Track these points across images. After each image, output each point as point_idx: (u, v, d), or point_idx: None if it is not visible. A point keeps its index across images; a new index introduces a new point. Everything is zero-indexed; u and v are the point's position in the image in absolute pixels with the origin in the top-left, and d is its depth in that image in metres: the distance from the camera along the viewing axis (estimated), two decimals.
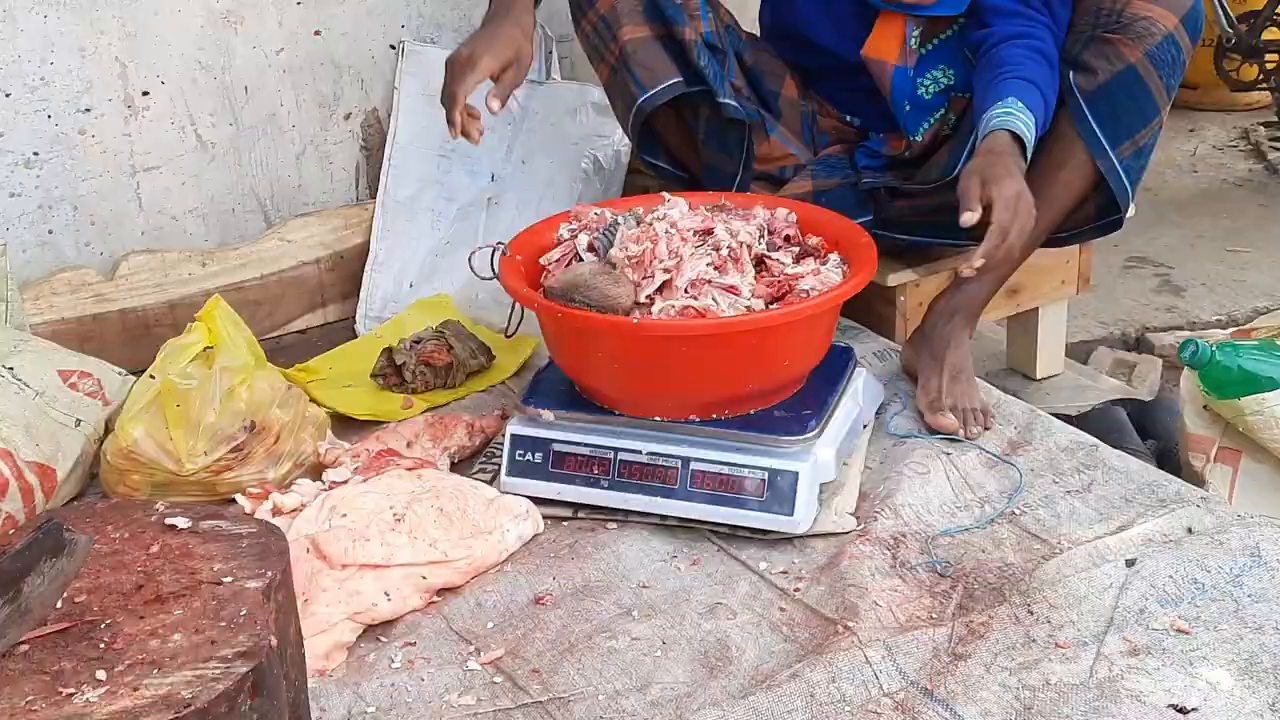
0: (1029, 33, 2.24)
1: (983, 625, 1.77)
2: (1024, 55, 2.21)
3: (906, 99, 2.39)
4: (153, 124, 2.66)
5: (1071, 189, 2.28)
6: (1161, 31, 2.17)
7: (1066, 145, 2.24)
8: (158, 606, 1.47)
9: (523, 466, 2.06)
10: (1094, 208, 2.33)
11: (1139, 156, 2.24)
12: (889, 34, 2.38)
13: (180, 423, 2.09)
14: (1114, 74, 2.19)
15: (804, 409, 2.02)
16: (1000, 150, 2.08)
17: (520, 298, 2.02)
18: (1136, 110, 2.21)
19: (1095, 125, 2.20)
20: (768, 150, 2.48)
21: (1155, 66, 2.18)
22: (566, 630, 1.83)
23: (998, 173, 2.03)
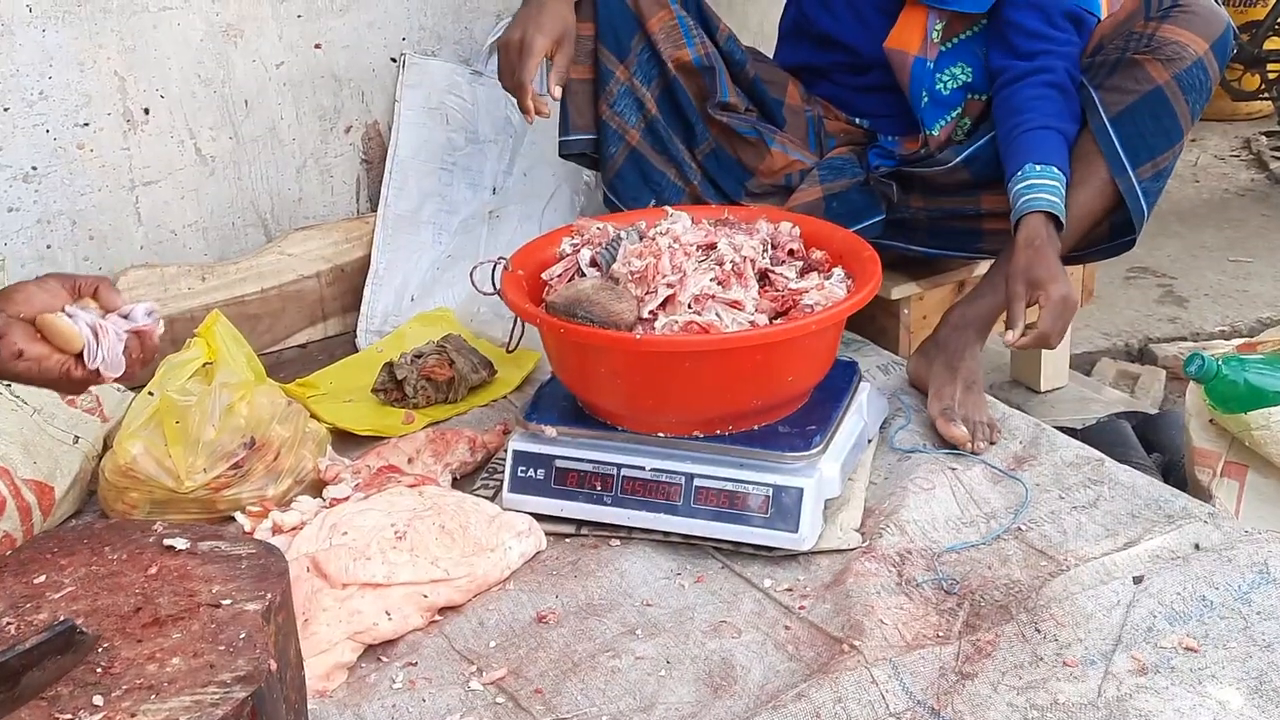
0: (1045, 66, 2.26)
1: (989, 643, 1.75)
2: (1039, 95, 2.25)
3: (925, 89, 2.40)
4: (152, 138, 2.64)
5: (1091, 209, 2.28)
6: (1192, 56, 2.18)
7: (1088, 165, 2.25)
8: (156, 629, 1.45)
9: (525, 483, 2.05)
10: (1108, 228, 2.33)
11: (1158, 179, 2.25)
12: (912, 26, 2.40)
13: (179, 439, 2.07)
14: (1141, 95, 2.20)
15: (808, 424, 2.01)
16: (1040, 244, 2.12)
17: (523, 313, 2.01)
18: (1161, 132, 2.22)
19: (1118, 145, 2.21)
20: (770, 164, 2.47)
21: (1183, 90, 2.19)
22: (569, 649, 1.81)
23: (1041, 275, 2.10)
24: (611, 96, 2.40)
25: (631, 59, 2.39)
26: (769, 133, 2.48)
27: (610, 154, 2.43)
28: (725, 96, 2.42)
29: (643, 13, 2.38)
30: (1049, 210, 2.16)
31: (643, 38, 2.39)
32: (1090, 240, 2.36)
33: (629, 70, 2.39)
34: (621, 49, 2.40)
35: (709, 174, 2.48)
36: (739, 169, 2.49)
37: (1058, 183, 2.17)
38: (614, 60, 2.39)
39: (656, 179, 2.45)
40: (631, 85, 2.39)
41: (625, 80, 2.39)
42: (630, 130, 2.41)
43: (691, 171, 2.46)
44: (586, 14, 2.38)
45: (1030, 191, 2.17)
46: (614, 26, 2.39)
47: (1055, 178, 2.18)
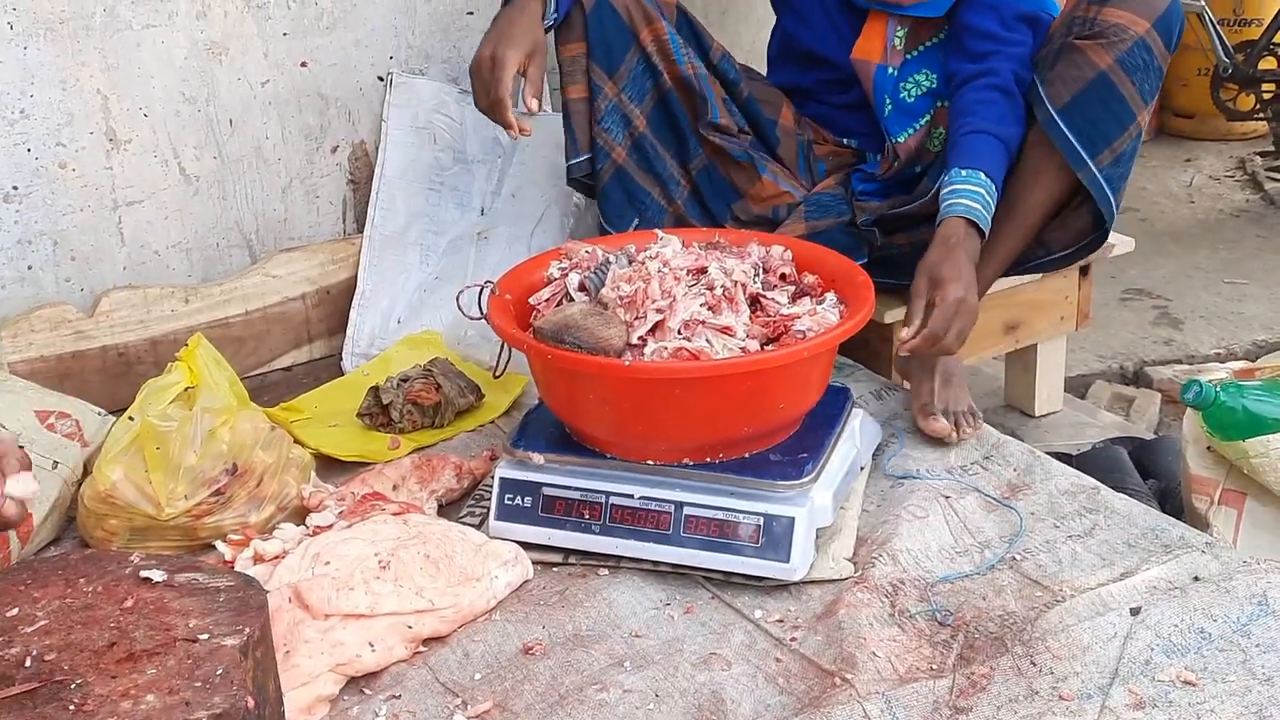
0: (990, 69, 2.26)
1: (984, 677, 1.72)
2: (980, 100, 2.25)
3: (888, 95, 2.39)
4: (135, 157, 2.61)
5: (1048, 196, 2.28)
6: (1133, 37, 2.17)
7: (1040, 154, 2.25)
8: (130, 665, 1.42)
9: (512, 511, 2.01)
10: (1086, 224, 2.32)
11: (1118, 164, 2.24)
12: (874, 35, 2.40)
13: (160, 465, 2.03)
14: (1086, 82, 2.19)
15: (800, 452, 1.97)
16: (954, 244, 2.14)
17: (509, 339, 1.98)
18: (1111, 118, 2.20)
19: (1071, 137, 2.20)
20: (759, 190, 2.46)
21: (1126, 72, 2.18)
22: (556, 682, 1.77)
23: (944, 274, 2.10)
24: (599, 113, 2.38)
25: (622, 73, 2.38)
26: (761, 159, 2.46)
27: (598, 171, 2.42)
28: (716, 118, 2.41)
29: (635, 25, 2.36)
30: (966, 216, 2.16)
31: (637, 50, 2.37)
32: (1069, 240, 2.37)
33: (618, 86, 2.38)
34: (612, 64, 2.38)
35: (699, 191, 2.46)
36: (729, 190, 2.47)
37: (980, 188, 2.17)
38: (604, 76, 2.38)
39: (641, 198, 2.43)
40: (619, 101, 2.38)
41: (614, 96, 2.38)
42: (616, 148, 2.40)
43: (677, 190, 2.44)
44: (578, 34, 2.37)
45: (952, 196, 2.18)
46: (607, 41, 2.37)
47: (979, 183, 2.18)
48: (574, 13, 2.36)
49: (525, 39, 2.27)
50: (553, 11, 2.34)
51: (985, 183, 2.18)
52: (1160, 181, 4.79)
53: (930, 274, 2.11)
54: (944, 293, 2.09)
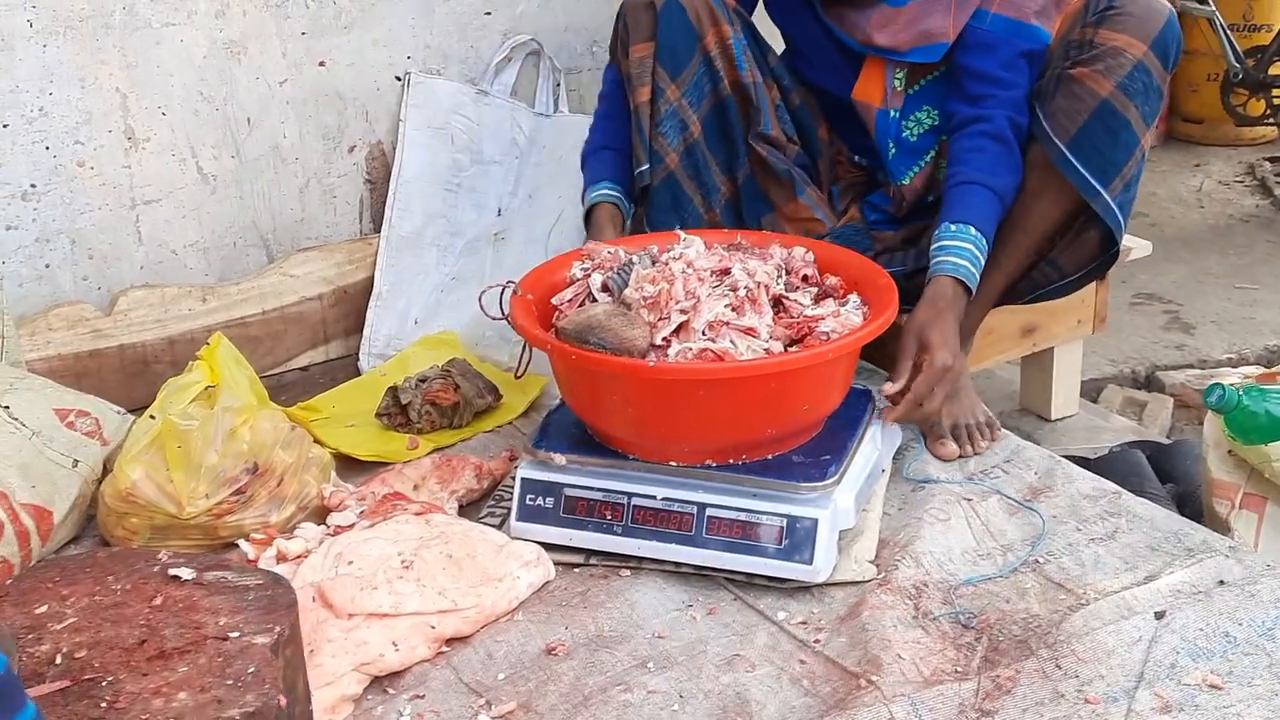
0: (985, 115, 2.24)
1: (1009, 680, 1.71)
2: (974, 147, 2.23)
3: (891, 139, 2.37)
4: (153, 156, 2.61)
5: (1049, 217, 2.26)
6: (1131, 61, 2.14)
7: (1040, 175, 2.23)
8: (161, 663, 1.42)
9: (533, 511, 2.01)
10: (1094, 245, 2.30)
11: (1129, 189, 2.23)
12: (873, 78, 2.37)
13: (181, 464, 2.03)
14: (1089, 113, 2.16)
15: (823, 454, 1.97)
16: (943, 306, 2.13)
17: (532, 339, 1.97)
18: (1119, 145, 2.18)
19: (1083, 170, 2.18)
20: (793, 210, 2.45)
21: (1128, 97, 2.15)
22: (580, 683, 1.77)
23: (933, 339, 2.10)
24: (659, 115, 2.37)
25: (685, 77, 2.37)
26: (802, 181, 2.45)
27: (651, 174, 2.40)
28: (767, 129, 2.40)
29: (702, 27, 2.36)
30: (954, 275, 2.15)
31: (701, 53, 2.36)
32: (1079, 262, 2.34)
33: (680, 90, 2.36)
34: (677, 66, 2.36)
35: (739, 200, 2.45)
36: (763, 202, 2.46)
37: (969, 244, 2.16)
38: (667, 79, 2.36)
39: (684, 203, 2.42)
40: (679, 106, 2.36)
41: (675, 100, 2.36)
42: (670, 153, 2.38)
43: (716, 198, 2.43)
44: (647, 33, 2.35)
45: (941, 254, 2.17)
46: (673, 43, 2.36)
47: (968, 238, 2.16)
48: (643, 14, 2.36)
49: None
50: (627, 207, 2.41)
51: (975, 237, 2.17)
52: (1170, 187, 4.79)
53: (918, 336, 2.11)
54: (931, 358, 2.08)
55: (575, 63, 2.99)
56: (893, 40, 2.29)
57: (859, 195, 2.53)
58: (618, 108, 2.47)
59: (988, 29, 2.25)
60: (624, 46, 2.40)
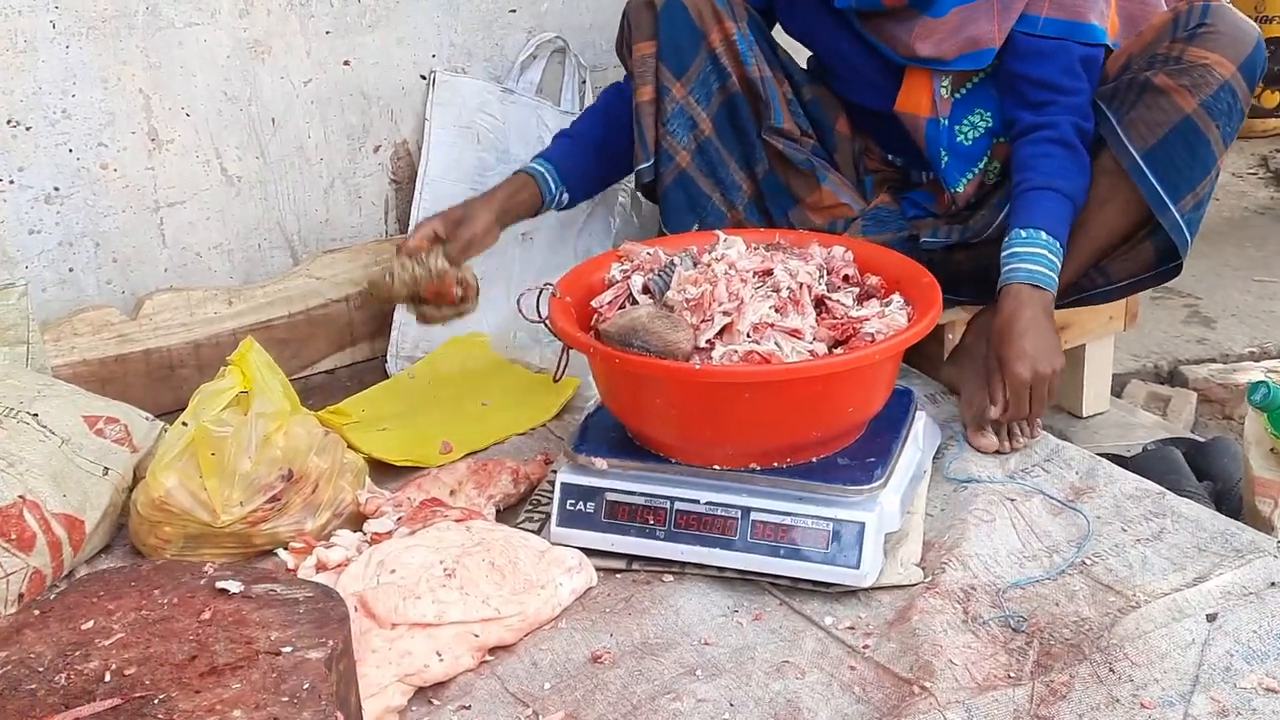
0: (1049, 121, 2.22)
1: (1064, 685, 1.69)
2: (1041, 153, 2.22)
3: (943, 148, 2.34)
4: (177, 157, 2.58)
5: (1115, 224, 2.25)
6: (1218, 80, 2.12)
7: (1109, 182, 2.22)
8: (214, 679, 1.39)
9: (574, 516, 1.98)
10: (1150, 257, 2.28)
11: (1199, 208, 2.21)
12: (919, 88, 2.34)
13: (215, 472, 2.00)
14: (1171, 126, 2.14)
15: (868, 456, 1.95)
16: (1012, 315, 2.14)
17: (574, 342, 1.94)
18: (1196, 163, 2.16)
19: (1155, 182, 2.16)
20: (818, 199, 2.42)
21: (1212, 116, 2.13)
22: (628, 691, 1.74)
23: (1006, 354, 2.13)
24: (666, 115, 2.35)
25: (691, 75, 2.35)
26: (823, 168, 2.43)
27: (661, 174, 2.39)
28: (779, 122, 2.37)
29: (705, 25, 2.33)
30: (1028, 281, 2.15)
31: (706, 51, 2.34)
32: (1135, 270, 2.33)
33: (685, 88, 2.34)
34: (681, 65, 2.35)
35: (761, 196, 2.43)
36: (787, 196, 2.43)
37: (1041, 249, 2.15)
38: (671, 78, 2.35)
39: (702, 202, 2.40)
40: (686, 104, 2.35)
41: (681, 98, 2.35)
42: (681, 151, 2.36)
43: (738, 195, 2.41)
44: (648, 32, 2.35)
45: (1013, 260, 2.16)
46: (676, 42, 2.35)
47: (1040, 243, 2.15)
48: (644, 13, 2.35)
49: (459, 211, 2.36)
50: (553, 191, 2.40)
51: (1047, 241, 2.15)
52: None
53: (997, 354, 2.15)
54: (1008, 375, 2.13)
55: (600, 60, 2.96)
56: (937, 50, 2.26)
57: (894, 189, 2.50)
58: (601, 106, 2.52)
59: (1040, 33, 2.22)
60: (627, 45, 2.40)
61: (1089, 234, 2.25)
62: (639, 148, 2.42)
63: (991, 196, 2.37)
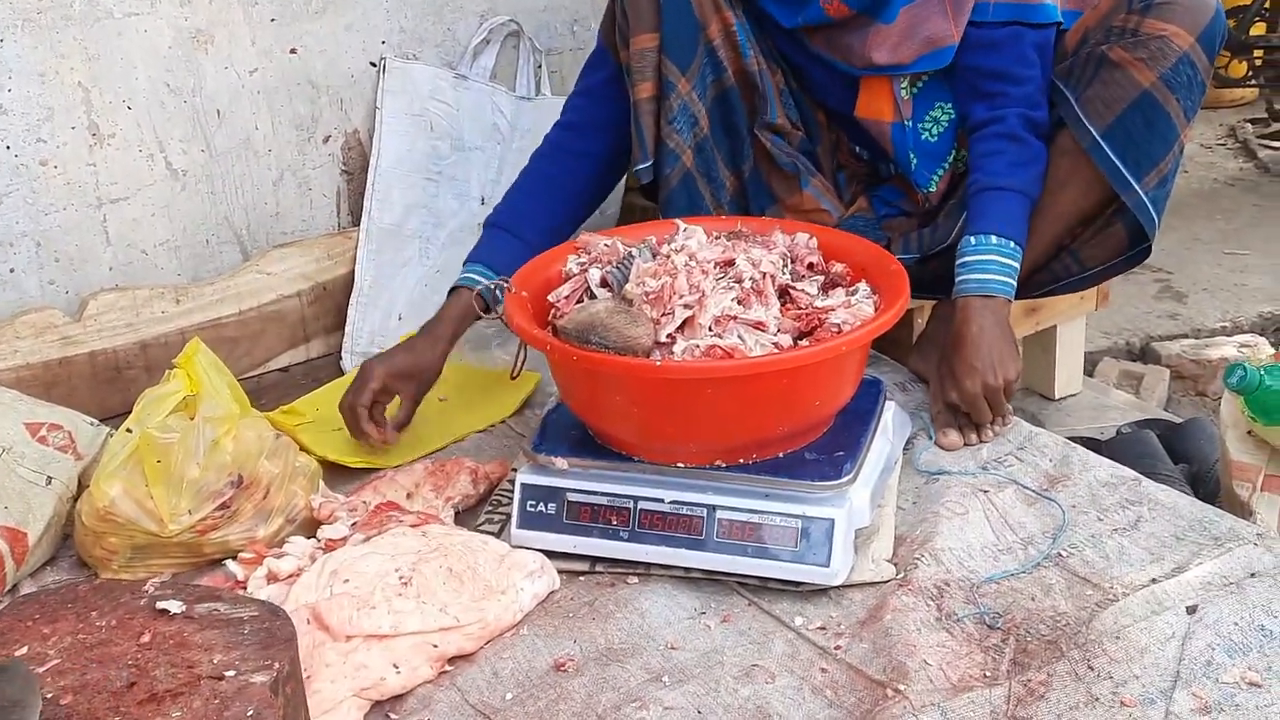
0: (998, 116, 2.18)
1: (1041, 684, 1.64)
2: (989, 150, 2.18)
3: (911, 150, 2.28)
4: (119, 152, 2.51)
5: (1077, 207, 2.21)
6: (1177, 52, 2.06)
7: (1069, 163, 2.17)
8: (153, 707, 1.33)
9: (534, 518, 1.92)
10: (1121, 239, 2.23)
11: (1163, 184, 2.15)
12: (878, 94, 2.28)
13: (161, 479, 1.94)
14: (1129, 103, 2.09)
15: (836, 450, 1.89)
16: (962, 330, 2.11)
17: (531, 339, 1.88)
18: (1157, 138, 2.11)
19: (1116, 160, 2.11)
20: (798, 202, 2.35)
21: (1171, 90, 2.08)
22: (592, 700, 1.69)
23: (957, 370, 2.11)
24: (671, 112, 2.25)
25: (694, 69, 2.25)
26: (807, 172, 2.35)
27: (665, 175, 2.29)
28: (774, 117, 2.30)
29: (704, 15, 2.23)
30: (978, 293, 2.11)
31: (704, 42, 2.24)
32: (1106, 255, 2.28)
33: (690, 83, 2.24)
34: (685, 59, 2.24)
35: (745, 194, 2.35)
36: (767, 195, 2.36)
37: (991, 254, 2.11)
38: (677, 73, 2.24)
39: (699, 203, 2.32)
40: (690, 99, 2.24)
41: (685, 94, 2.24)
42: (686, 150, 2.27)
43: (723, 193, 2.33)
44: (650, 23, 2.22)
45: (962, 271, 2.13)
46: (679, 34, 2.23)
47: (989, 249, 2.12)
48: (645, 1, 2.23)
49: (406, 361, 2.24)
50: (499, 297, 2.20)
51: (998, 245, 2.11)
52: None
53: (949, 366, 2.13)
54: (960, 391, 2.11)
55: (556, 43, 2.90)
56: (894, 56, 2.19)
57: (865, 185, 2.44)
58: (548, 170, 2.39)
59: (991, 20, 2.16)
60: (623, 36, 2.27)
61: (1054, 217, 2.20)
62: (637, 147, 2.30)
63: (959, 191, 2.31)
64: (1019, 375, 2.14)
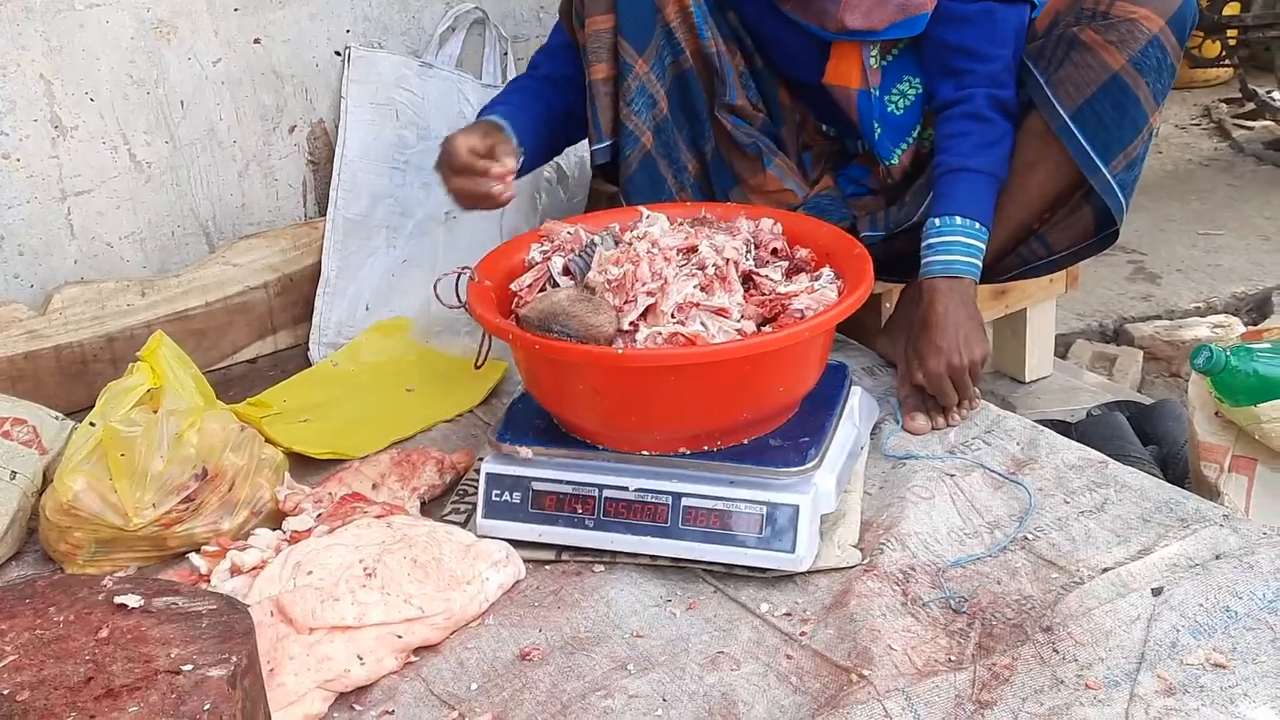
0: (965, 96, 2.17)
1: (1006, 668, 1.64)
2: (955, 131, 2.18)
3: (876, 120, 2.27)
4: (82, 144, 2.49)
5: (1045, 189, 2.21)
6: (1146, 35, 2.06)
7: (1037, 145, 2.17)
8: (110, 703, 1.32)
9: (500, 507, 1.92)
10: (1089, 223, 2.23)
11: (1132, 168, 2.15)
12: (847, 60, 2.26)
13: (125, 473, 1.93)
14: (1098, 85, 2.09)
15: (801, 436, 1.89)
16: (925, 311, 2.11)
17: (493, 329, 1.87)
18: (1126, 122, 2.11)
19: (1085, 142, 2.11)
20: (761, 183, 2.34)
21: (1141, 73, 2.08)
22: (557, 689, 1.69)
23: (922, 350, 2.11)
24: (629, 93, 2.24)
25: (650, 50, 2.24)
26: (769, 151, 2.34)
27: (626, 156, 2.28)
28: (733, 98, 2.29)
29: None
30: (943, 274, 2.11)
31: (661, 23, 2.23)
32: (1074, 239, 2.28)
33: (647, 64, 2.23)
34: (641, 40, 2.23)
35: (707, 177, 2.35)
36: (730, 177, 2.35)
37: (955, 235, 2.12)
38: (633, 54, 2.23)
39: (660, 186, 2.31)
40: (648, 80, 2.24)
41: (643, 75, 2.23)
42: (645, 132, 2.26)
43: (685, 176, 2.33)
44: (605, 4, 2.22)
45: (928, 253, 2.13)
46: (634, 15, 2.22)
47: (954, 230, 2.12)
48: None
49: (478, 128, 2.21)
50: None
51: (962, 225, 2.11)
52: None
53: (914, 348, 2.13)
54: (925, 371, 2.10)
55: (522, 30, 2.88)
56: (867, 21, 2.18)
57: (832, 164, 2.43)
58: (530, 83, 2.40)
59: None
60: (579, 17, 2.27)
61: (1022, 199, 2.20)
62: (593, 128, 2.30)
63: (926, 170, 2.31)
64: (986, 356, 2.14)
